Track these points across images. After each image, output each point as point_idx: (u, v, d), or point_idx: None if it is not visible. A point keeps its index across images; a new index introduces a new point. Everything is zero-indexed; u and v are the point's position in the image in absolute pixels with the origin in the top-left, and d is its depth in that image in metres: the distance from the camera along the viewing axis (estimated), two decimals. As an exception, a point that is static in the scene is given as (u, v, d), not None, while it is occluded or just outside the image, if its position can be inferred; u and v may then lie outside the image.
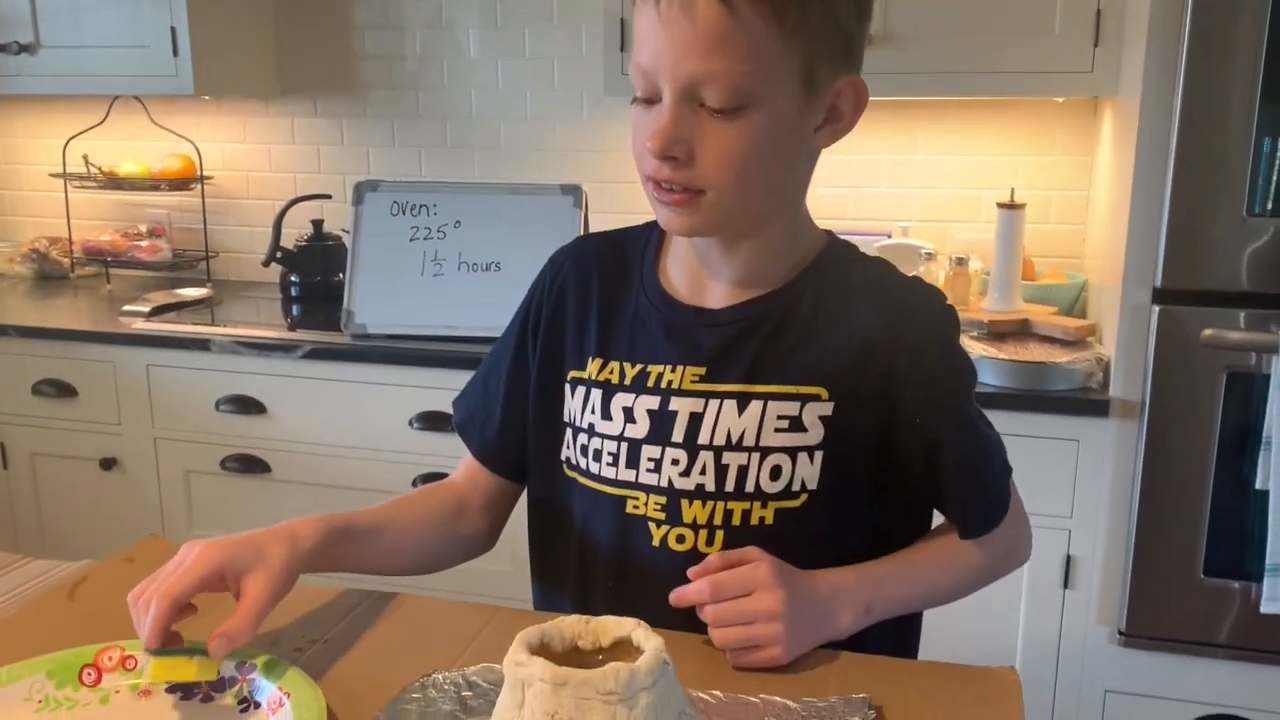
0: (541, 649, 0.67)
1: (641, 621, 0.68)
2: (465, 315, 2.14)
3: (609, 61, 2.14)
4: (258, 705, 0.81)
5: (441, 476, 2.21)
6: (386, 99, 2.64)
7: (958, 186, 2.32)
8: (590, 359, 1.04)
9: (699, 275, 1.02)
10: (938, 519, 1.08)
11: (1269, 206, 1.65)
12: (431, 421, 2.11)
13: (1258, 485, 1.69)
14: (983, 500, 1.03)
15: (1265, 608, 1.71)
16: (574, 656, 0.68)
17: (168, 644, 0.82)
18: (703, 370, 0.99)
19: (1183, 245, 1.70)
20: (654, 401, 1.00)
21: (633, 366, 1.02)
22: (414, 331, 2.15)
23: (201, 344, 2.23)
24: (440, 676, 0.84)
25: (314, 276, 2.53)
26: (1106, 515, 1.82)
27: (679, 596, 0.91)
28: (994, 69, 1.95)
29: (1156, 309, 1.73)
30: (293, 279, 2.54)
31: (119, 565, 1.03)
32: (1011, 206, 2.03)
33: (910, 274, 1.03)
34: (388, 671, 0.86)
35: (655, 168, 0.91)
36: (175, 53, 2.40)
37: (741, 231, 0.97)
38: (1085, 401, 1.80)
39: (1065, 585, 1.87)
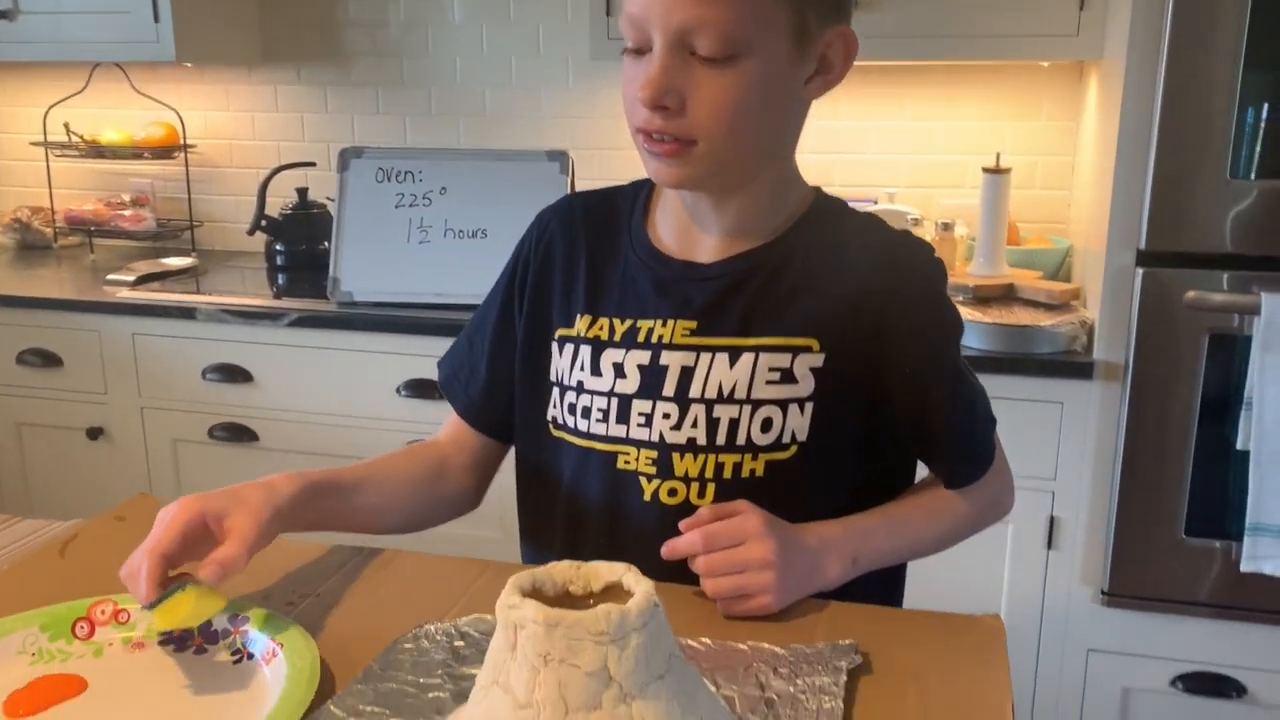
0: (533, 593, 0.67)
1: (632, 566, 0.69)
2: (452, 282, 2.13)
3: (595, 26, 2.13)
4: (251, 656, 0.82)
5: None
6: (371, 66, 2.62)
7: (944, 152, 2.33)
8: (579, 316, 1.04)
9: (688, 230, 1.02)
10: (922, 471, 1.09)
11: (1252, 169, 1.66)
12: (419, 389, 2.11)
13: (1239, 446, 1.71)
14: (969, 450, 1.05)
15: (1245, 566, 1.73)
16: (565, 601, 0.69)
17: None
18: (694, 324, 1.00)
19: (1166, 208, 1.70)
20: (644, 356, 1.00)
21: (622, 322, 1.02)
22: (401, 299, 2.15)
23: (187, 312, 2.22)
24: (432, 628, 0.85)
25: (299, 245, 2.52)
26: (1090, 477, 1.84)
27: (671, 549, 0.91)
28: (980, 33, 1.95)
29: (1140, 271, 1.74)
30: (278, 248, 2.53)
31: (109, 523, 1.04)
32: (997, 171, 2.04)
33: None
34: (380, 624, 0.86)
35: (646, 118, 0.91)
36: (156, 19, 2.38)
37: (732, 184, 0.98)
38: (1069, 364, 1.82)
39: (1049, 546, 1.89)
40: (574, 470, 1.05)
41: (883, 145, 2.34)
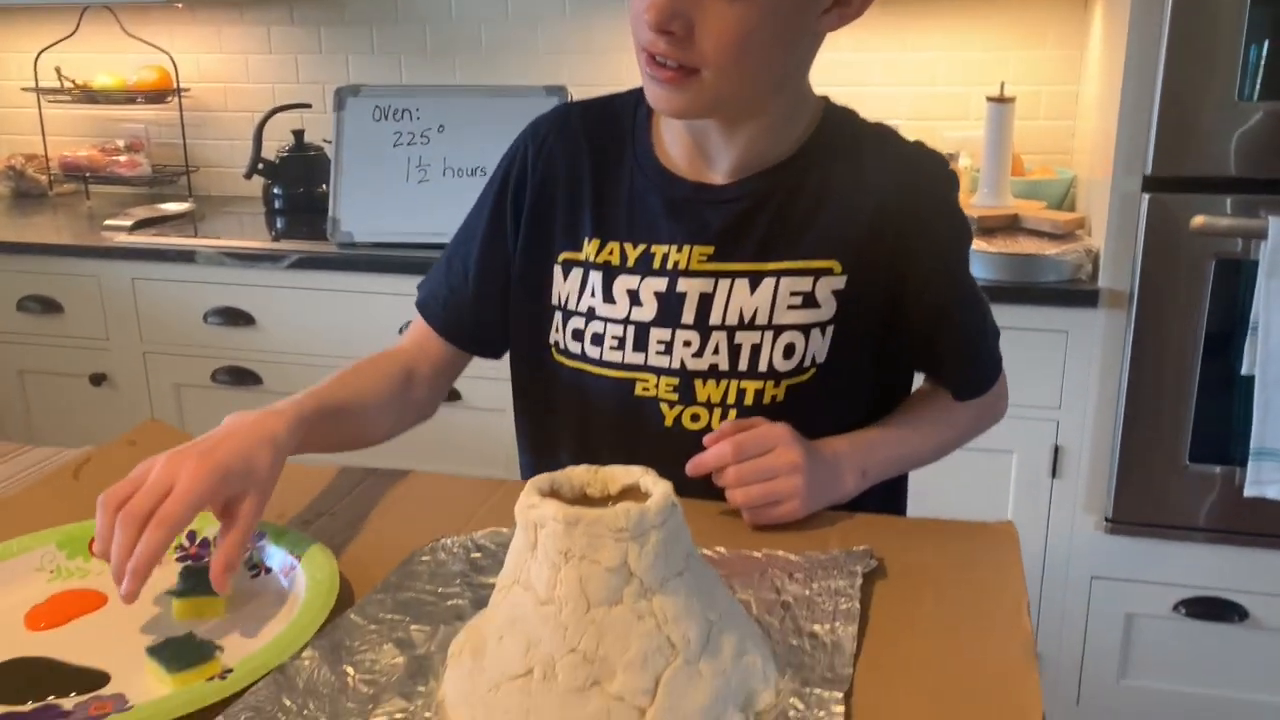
0: (551, 495, 0.67)
1: (649, 469, 0.69)
2: (452, 221, 2.07)
3: (592, -44, 2.10)
4: (269, 570, 0.82)
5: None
6: (364, 4, 2.58)
7: (946, 84, 2.30)
8: (587, 240, 1.01)
9: (698, 149, 0.99)
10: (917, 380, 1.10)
11: (1258, 91, 1.64)
12: (422, 328, 2.10)
13: (1244, 371, 1.71)
14: (979, 365, 1.05)
15: (1249, 491, 1.74)
16: (583, 504, 0.69)
17: None
18: (710, 249, 0.97)
19: (1173, 132, 1.69)
20: (660, 283, 0.98)
21: (634, 247, 1.00)
22: (401, 239, 2.13)
23: (187, 256, 2.21)
24: (449, 541, 0.86)
25: (297, 188, 2.50)
26: (1094, 405, 1.84)
27: (697, 464, 0.90)
28: (984, -42, 1.92)
29: (1146, 197, 1.73)
30: (275, 191, 2.51)
31: (121, 448, 1.04)
32: (1001, 100, 2.02)
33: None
34: (396, 540, 0.86)
35: (650, 39, 0.87)
36: (146, -43, 2.34)
37: (739, 115, 0.95)
38: (1074, 292, 1.81)
39: (1053, 475, 1.90)
40: (584, 397, 1.03)
41: (885, 78, 2.31)
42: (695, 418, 0.99)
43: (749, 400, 0.98)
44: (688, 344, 0.98)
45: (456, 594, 0.78)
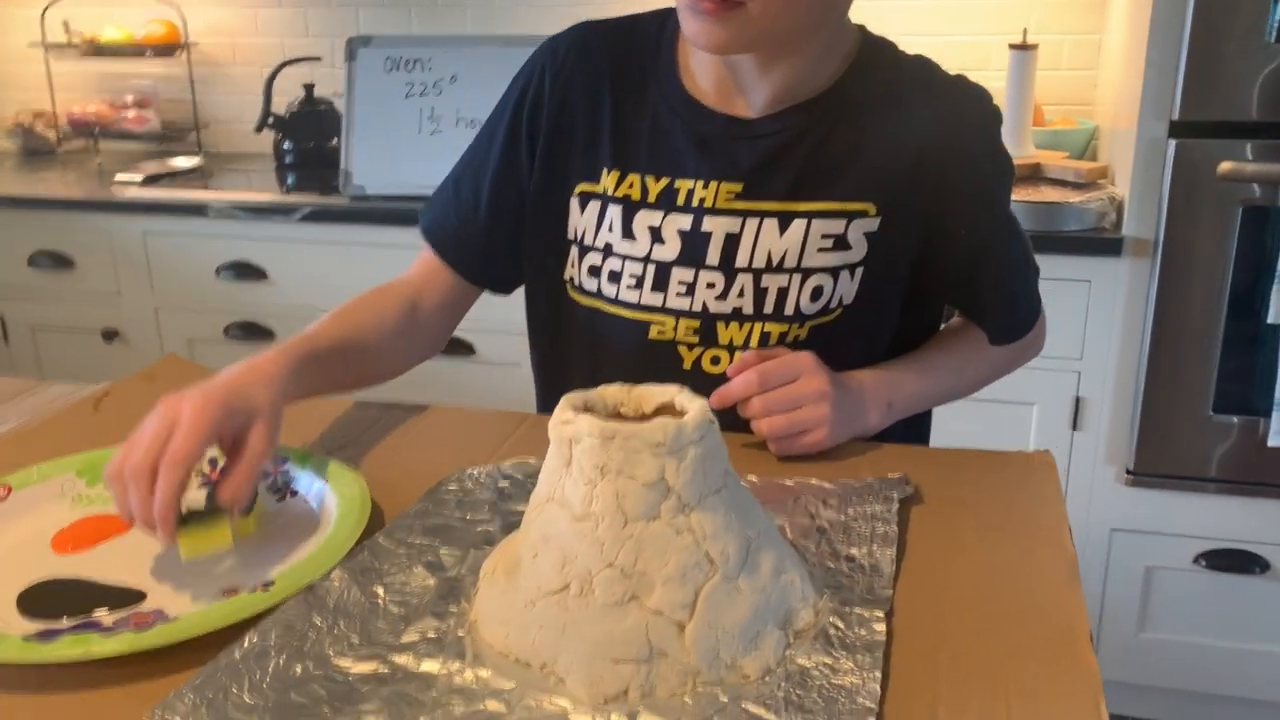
0: (585, 412, 0.66)
1: (684, 387, 0.67)
2: (466, 173, 2.09)
3: (607, -97, 2.06)
4: (295, 494, 0.81)
5: (455, 339, 2.19)
6: (375, -45, 2.54)
7: (968, 33, 2.26)
8: (605, 171, 0.97)
9: (729, 80, 0.94)
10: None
11: (1291, 32, 1.61)
12: (436, 281, 2.08)
13: (1270, 319, 1.68)
14: (1017, 308, 1.02)
15: (1273, 441, 1.72)
16: (617, 421, 0.67)
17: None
18: (739, 187, 0.93)
19: (1201, 75, 1.65)
20: (685, 221, 0.94)
21: (656, 181, 0.95)
22: (413, 191, 2.10)
23: (198, 210, 2.19)
24: (475, 470, 0.84)
25: (307, 142, 2.47)
26: (1116, 356, 1.82)
27: (723, 394, 0.87)
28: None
29: (1173, 143, 1.69)
30: (286, 145, 2.48)
31: (140, 382, 1.02)
32: (1024, 48, 1.98)
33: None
34: (421, 469, 0.85)
35: None
36: (153, -93, 2.30)
37: (780, 49, 0.90)
38: (1098, 241, 1.78)
39: (1074, 427, 1.88)
40: (599, 336, 1.00)
41: (905, 26, 2.27)
42: (715, 360, 0.96)
43: (772, 342, 0.95)
44: (711, 285, 0.94)
45: (485, 520, 0.77)
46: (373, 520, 0.76)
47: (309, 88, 2.46)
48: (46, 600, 0.67)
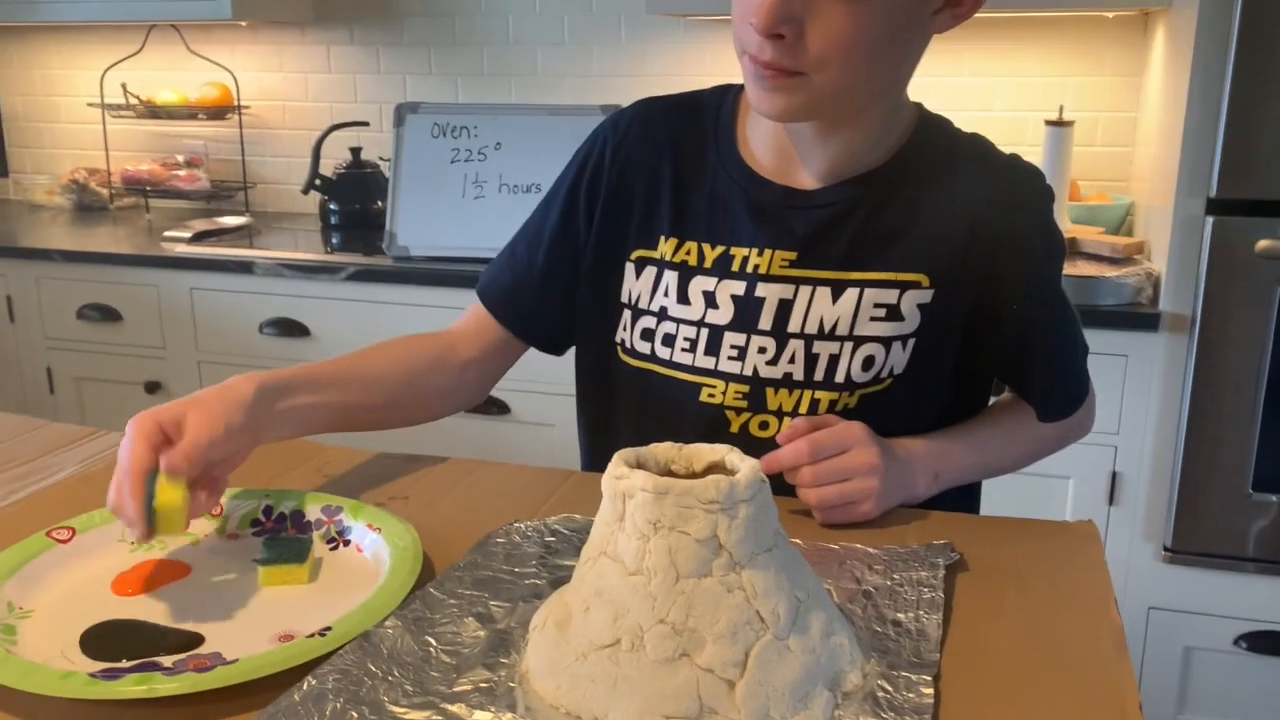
0: (638, 469, 0.67)
1: (734, 447, 0.69)
2: (506, 236, 2.09)
3: (652, -22, 2.12)
4: (348, 543, 0.82)
5: (490, 398, 2.21)
6: (423, 26, 2.62)
7: (1004, 109, 2.30)
8: (663, 238, 0.99)
9: (788, 151, 0.96)
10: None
11: (1327, 113, 1.63)
12: (475, 341, 2.11)
13: (1309, 398, 1.68)
14: (1065, 387, 1.03)
15: (1314, 521, 1.70)
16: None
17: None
18: (794, 255, 0.94)
19: (1239, 153, 1.67)
20: (739, 287, 0.96)
21: (713, 248, 0.97)
22: (456, 253, 2.15)
23: (245, 267, 2.24)
24: (523, 525, 0.85)
25: (353, 204, 2.53)
26: (1154, 431, 1.82)
27: (772, 461, 0.87)
28: (1045, -19, 1.92)
29: (1210, 220, 1.71)
30: (332, 206, 2.54)
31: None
32: (1060, 124, 2.01)
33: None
34: (470, 522, 0.86)
35: (758, 45, 0.84)
36: (214, -23, 2.39)
37: (841, 118, 0.92)
38: (1135, 315, 1.79)
39: (1110, 502, 1.87)
40: (648, 398, 1.01)
41: (942, 102, 2.27)
42: (764, 425, 0.97)
43: (822, 409, 0.96)
44: (762, 350, 0.95)
45: (533, 574, 0.78)
46: (424, 571, 0.77)
47: (356, 151, 2.53)
48: (108, 641, 0.69)
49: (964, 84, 2.30)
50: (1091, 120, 2.24)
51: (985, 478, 1.07)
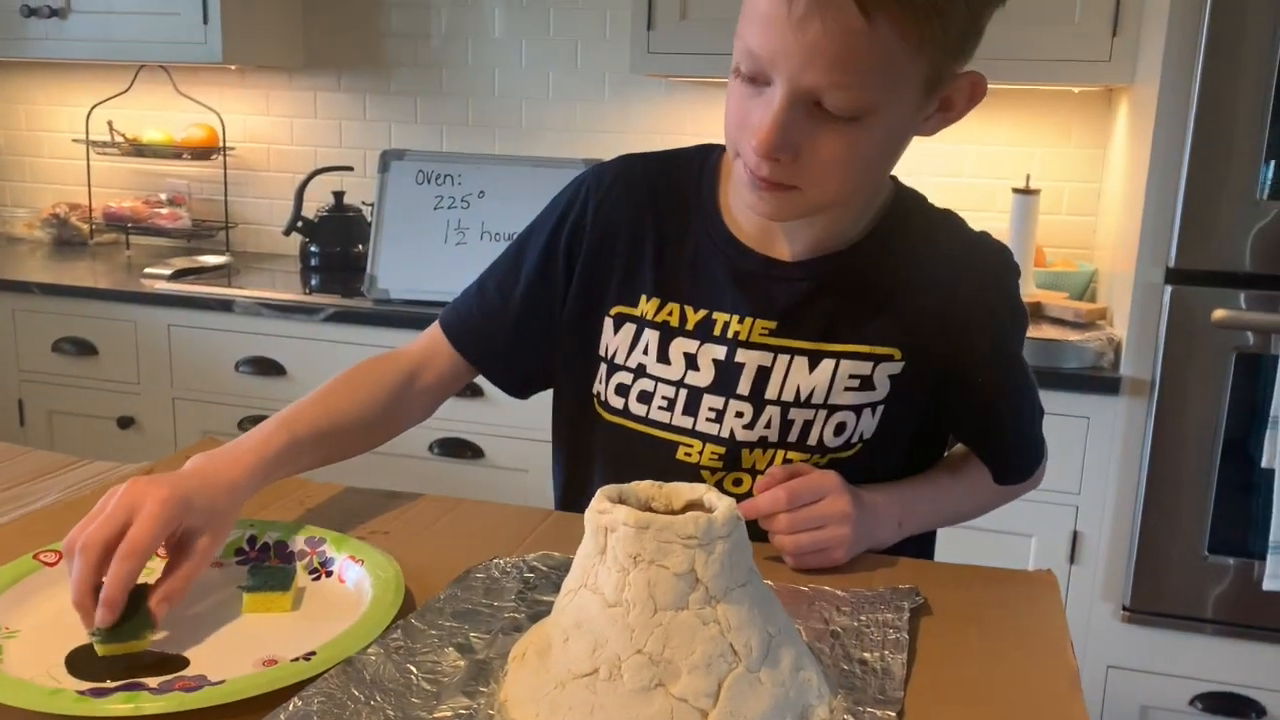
0: (620, 504, 0.70)
1: (712, 486, 0.72)
2: (487, 283, 2.16)
3: (636, 40, 2.18)
4: (330, 574, 0.84)
5: (462, 441, 2.23)
6: (411, 75, 2.68)
7: (973, 176, 2.37)
8: (644, 297, 1.01)
9: (770, 224, 0.98)
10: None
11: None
12: (451, 386, 2.13)
13: (1264, 464, 1.73)
14: (1023, 453, 1.07)
15: (1268, 585, 1.74)
16: (649, 515, 0.71)
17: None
18: (773, 324, 0.97)
19: (1196, 227, 1.74)
20: (719, 351, 0.98)
21: (695, 311, 0.99)
22: (436, 298, 2.18)
23: (224, 304, 2.25)
24: (501, 561, 0.87)
25: (334, 247, 2.56)
26: (1114, 492, 1.86)
27: (750, 508, 0.89)
28: (1014, 56, 2.00)
29: (1169, 289, 1.77)
30: (312, 249, 2.57)
31: (180, 461, 1.05)
32: (1027, 192, 2.08)
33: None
34: (450, 558, 0.88)
35: (755, 164, 0.86)
36: (205, 20, 2.43)
37: (828, 211, 0.95)
38: (1096, 379, 1.84)
39: (1071, 560, 1.91)
40: (623, 452, 1.03)
41: (913, 167, 2.35)
42: (738, 482, 1.00)
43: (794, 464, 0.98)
44: (739, 415, 0.98)
45: (512, 608, 0.80)
46: (405, 603, 0.79)
47: (338, 194, 2.56)
48: (94, 662, 0.70)
49: (935, 150, 2.37)
50: (1057, 190, 2.31)
51: (944, 525, 1.10)
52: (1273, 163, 1.69)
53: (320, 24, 2.70)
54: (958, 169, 2.38)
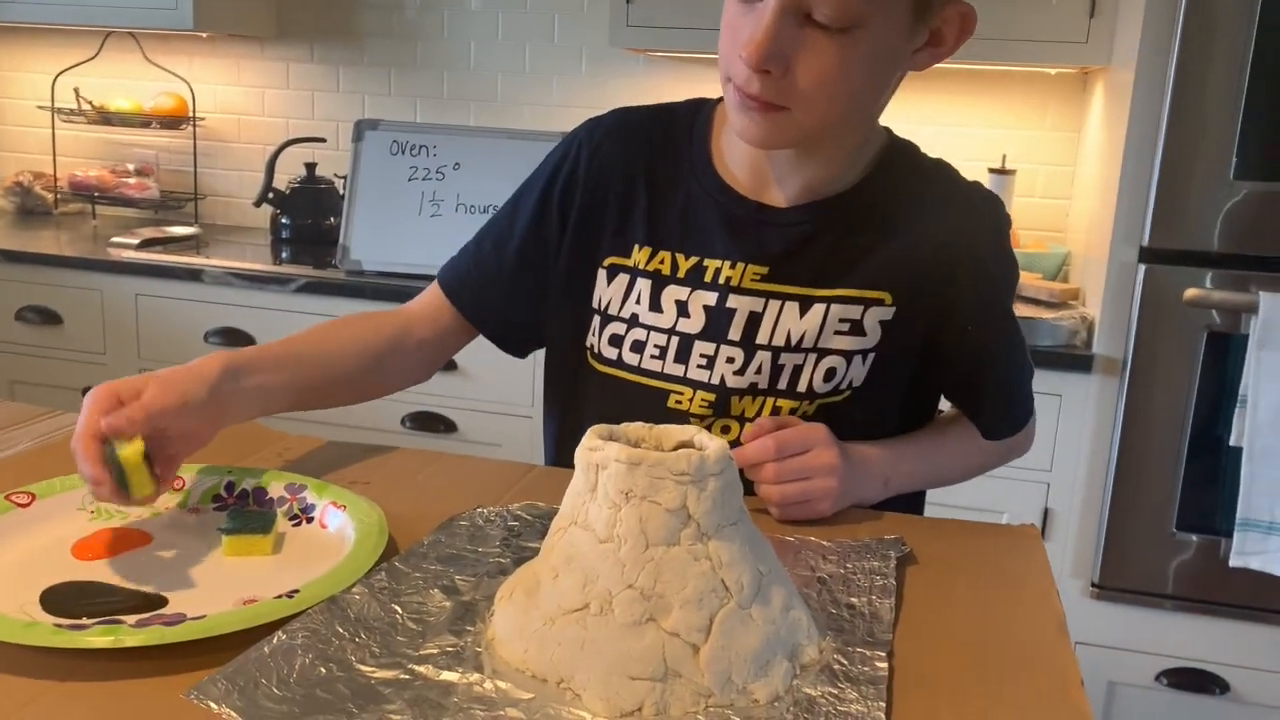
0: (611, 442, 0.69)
1: (702, 428, 0.71)
2: (462, 256, 2.14)
3: (615, 12, 2.16)
4: (310, 520, 0.83)
5: (435, 415, 2.21)
6: (385, 47, 2.65)
7: (948, 156, 2.37)
8: (637, 247, 1.01)
9: (763, 170, 0.99)
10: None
11: (1253, 171, 1.72)
12: (424, 358, 2.12)
13: (1232, 442, 1.75)
14: (1012, 407, 1.07)
15: (1234, 561, 1.77)
16: (639, 455, 0.70)
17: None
18: (765, 270, 0.97)
19: (1169, 207, 1.76)
20: (710, 297, 0.98)
21: (686, 259, 0.99)
22: (410, 269, 2.16)
23: (193, 274, 2.22)
24: (485, 510, 0.86)
25: (305, 219, 2.53)
26: (1085, 470, 1.88)
27: (738, 456, 0.89)
28: (994, 36, 2.00)
29: (1142, 268, 1.79)
30: (283, 220, 2.54)
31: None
32: (1002, 172, 2.09)
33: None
34: (433, 507, 0.87)
35: (745, 79, 0.86)
36: (177, -14, 2.39)
37: (818, 144, 0.95)
38: (1069, 357, 1.86)
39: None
40: (615, 403, 1.02)
41: None
42: (726, 429, 1.00)
43: (783, 415, 0.98)
44: (730, 360, 0.98)
45: (497, 553, 0.79)
46: (388, 549, 0.78)
47: (310, 166, 2.53)
48: (70, 600, 0.69)
49: (911, 131, 2.36)
50: (1032, 172, 2.33)
51: (931, 487, 1.10)
52: (1247, 145, 1.71)
53: (294, -7, 2.67)
54: (933, 149, 2.37)
